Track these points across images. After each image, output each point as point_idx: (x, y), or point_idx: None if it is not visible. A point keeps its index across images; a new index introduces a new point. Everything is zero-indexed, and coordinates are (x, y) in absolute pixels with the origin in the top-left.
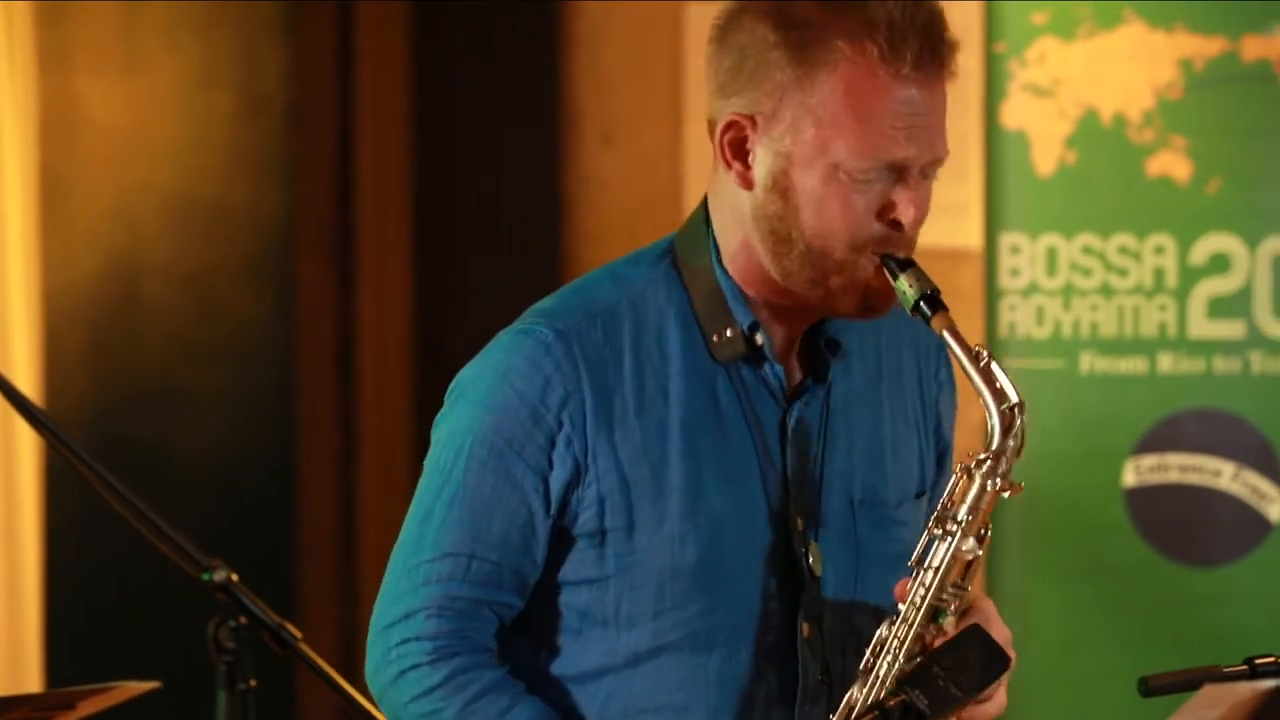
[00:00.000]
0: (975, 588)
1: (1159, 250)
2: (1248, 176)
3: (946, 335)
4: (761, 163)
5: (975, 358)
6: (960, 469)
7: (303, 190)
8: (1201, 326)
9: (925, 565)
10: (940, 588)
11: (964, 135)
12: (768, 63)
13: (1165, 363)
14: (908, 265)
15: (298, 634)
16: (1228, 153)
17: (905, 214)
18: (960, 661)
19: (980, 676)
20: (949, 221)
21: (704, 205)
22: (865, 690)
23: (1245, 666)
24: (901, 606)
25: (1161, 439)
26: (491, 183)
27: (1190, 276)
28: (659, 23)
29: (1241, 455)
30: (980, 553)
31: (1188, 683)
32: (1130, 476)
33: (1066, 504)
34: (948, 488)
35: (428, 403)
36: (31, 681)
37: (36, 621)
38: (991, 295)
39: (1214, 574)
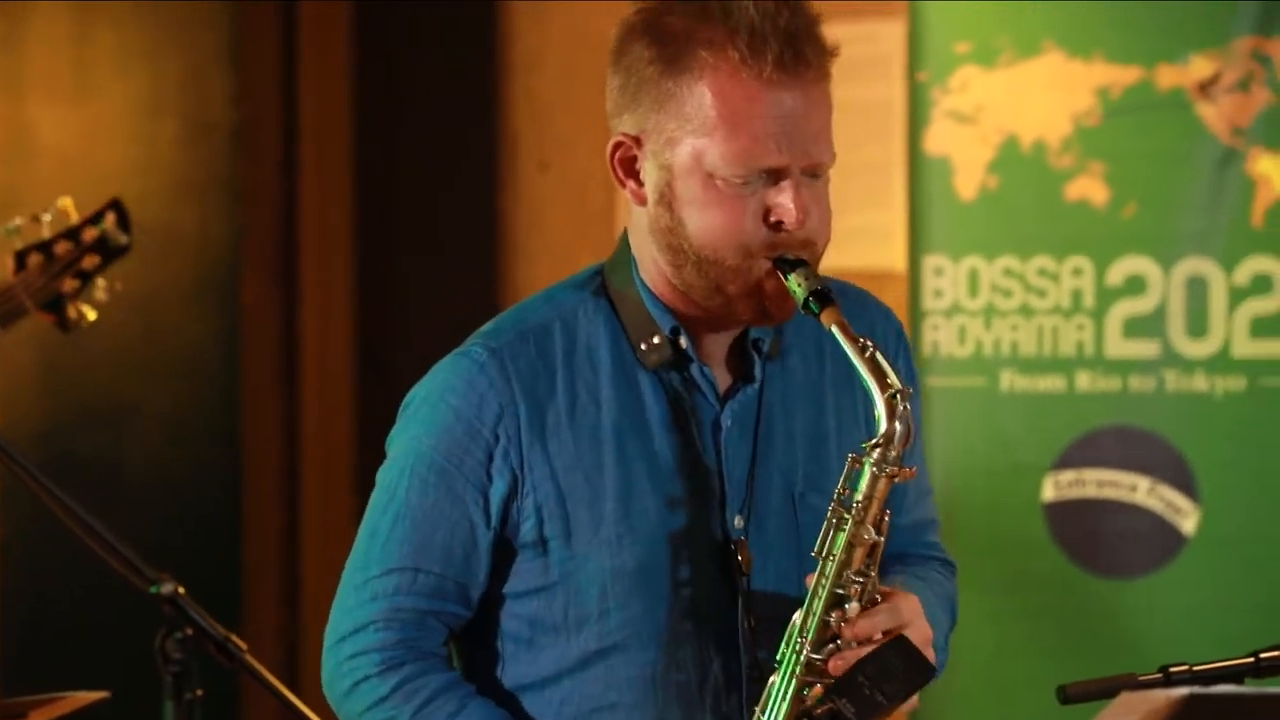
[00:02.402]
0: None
1: (1077, 272)
2: (1162, 201)
3: (834, 329)
4: (649, 177)
5: (862, 349)
6: (851, 458)
7: (247, 213)
8: (1118, 346)
9: (826, 554)
10: (840, 575)
11: (888, 161)
12: (646, 79)
13: (1083, 381)
14: (798, 265)
15: (243, 645)
16: (1143, 178)
17: (786, 215)
18: (885, 670)
19: (904, 685)
20: (874, 244)
21: (626, 228)
22: (779, 679)
23: (1160, 674)
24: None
25: (1079, 455)
26: (432, 205)
27: (1107, 297)
28: (593, 52)
29: (1156, 470)
30: (880, 538)
31: (1105, 690)
32: (1049, 491)
33: (988, 517)
34: (842, 477)
35: (369, 418)
36: None
37: None
38: (915, 315)
39: (1130, 585)
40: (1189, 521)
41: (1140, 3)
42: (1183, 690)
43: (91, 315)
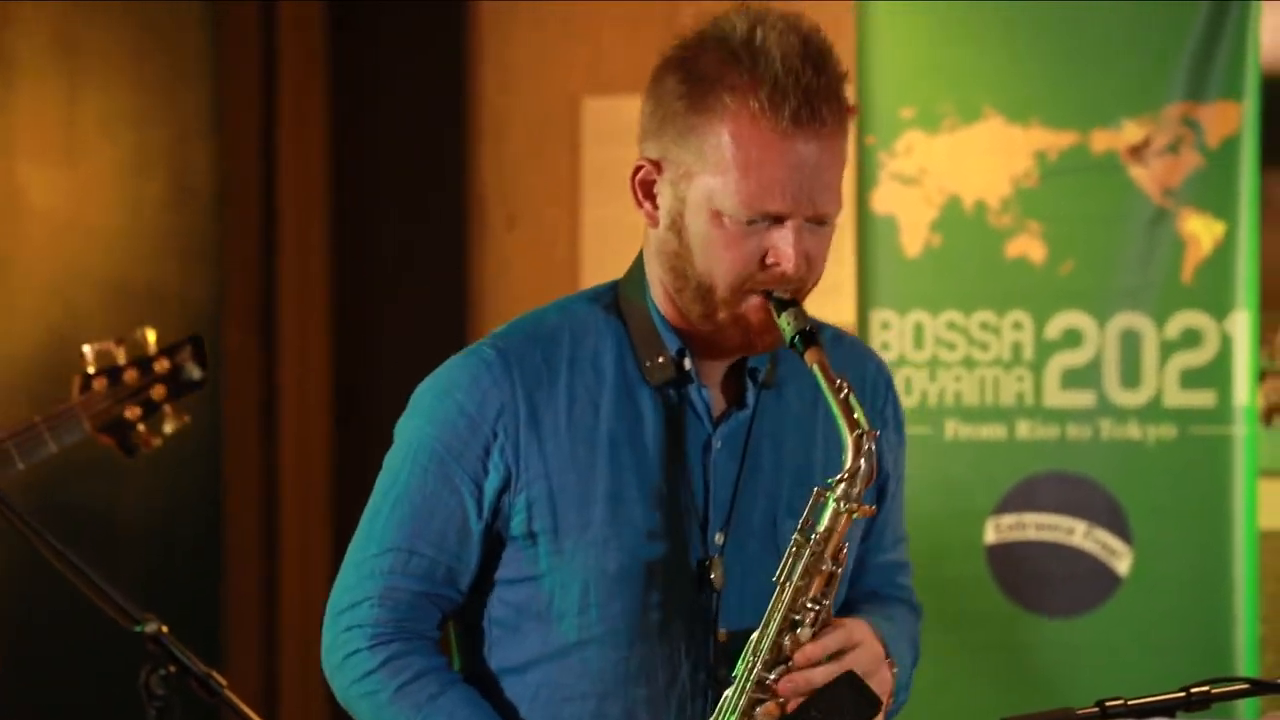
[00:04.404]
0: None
1: (1017, 326)
2: (1097, 259)
3: (816, 368)
4: (664, 203)
5: (838, 390)
6: (816, 491)
7: (229, 271)
8: (1056, 396)
9: (785, 579)
10: (796, 601)
11: (838, 220)
12: (673, 111)
13: (1023, 429)
14: (789, 305)
15: (223, 681)
16: (1079, 237)
17: (784, 260)
18: (835, 705)
19: (854, 718)
20: (824, 299)
21: (642, 248)
22: (733, 692)
23: (1096, 708)
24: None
25: (1019, 499)
26: (404, 262)
27: (1045, 350)
28: (557, 116)
29: (1092, 514)
30: (837, 569)
31: None
32: (991, 534)
33: (932, 559)
34: (806, 508)
35: (345, 463)
36: None
37: None
38: None
39: (1068, 624)
40: (1123, 563)
41: (1075, 71)
42: None
43: (156, 442)
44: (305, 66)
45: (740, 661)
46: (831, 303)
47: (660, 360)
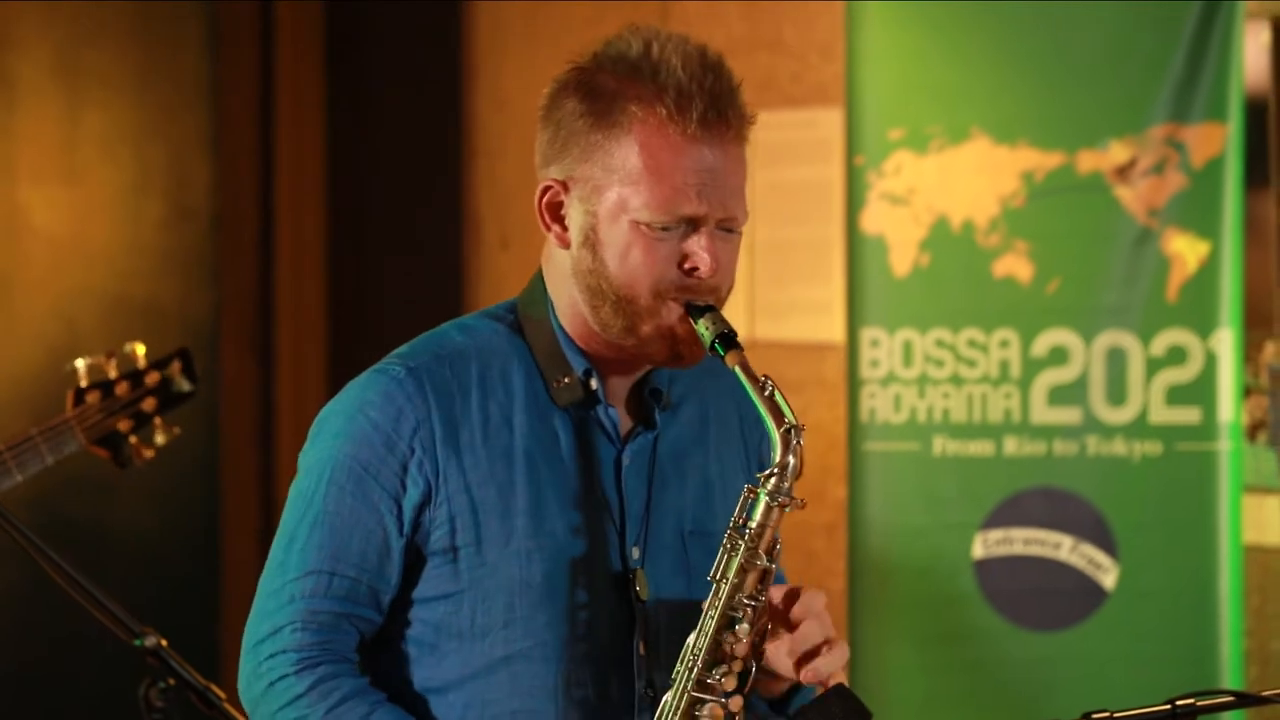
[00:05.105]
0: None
1: (1004, 344)
2: (1084, 277)
3: (738, 369)
4: (574, 222)
5: (761, 387)
6: (747, 488)
7: (226, 290)
8: (1042, 413)
9: (720, 577)
10: (733, 598)
11: (827, 239)
12: (576, 131)
13: (1010, 445)
14: (707, 310)
15: (222, 695)
16: (1066, 256)
17: (701, 262)
18: (828, 717)
19: None
20: (815, 317)
21: (540, 269)
22: (673, 695)
23: None
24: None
25: (1007, 515)
26: (399, 280)
27: (1032, 367)
28: None
29: (1079, 529)
30: (772, 565)
31: None
32: (979, 549)
33: (921, 574)
34: (738, 506)
35: None
36: None
37: None
38: (853, 384)
39: (1055, 637)
40: (1109, 577)
41: (1062, 92)
42: None
43: (148, 454)
44: (302, 88)
45: (679, 663)
46: (822, 321)
47: (567, 381)
